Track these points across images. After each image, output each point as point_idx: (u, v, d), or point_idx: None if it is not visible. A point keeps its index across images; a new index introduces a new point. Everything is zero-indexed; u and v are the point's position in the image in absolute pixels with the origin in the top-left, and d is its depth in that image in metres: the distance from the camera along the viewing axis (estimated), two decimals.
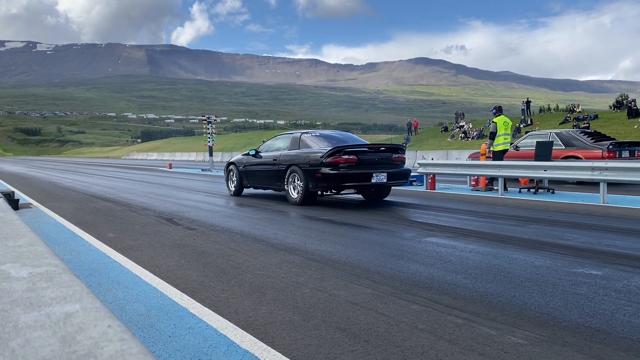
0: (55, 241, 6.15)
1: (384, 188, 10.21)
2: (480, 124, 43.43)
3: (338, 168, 9.00)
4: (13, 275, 0.91)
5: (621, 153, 14.23)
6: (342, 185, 9.18)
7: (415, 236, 6.20)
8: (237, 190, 11.90)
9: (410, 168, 10.49)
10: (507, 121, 12.65)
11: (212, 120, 27.46)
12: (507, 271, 4.40)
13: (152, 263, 4.87)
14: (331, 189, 9.42)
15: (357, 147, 9.49)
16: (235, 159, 12.43)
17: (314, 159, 9.32)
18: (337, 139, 10.14)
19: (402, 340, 2.84)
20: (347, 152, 9.14)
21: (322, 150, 9.36)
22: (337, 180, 9.03)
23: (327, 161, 9.08)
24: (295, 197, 9.76)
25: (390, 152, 9.75)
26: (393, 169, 9.57)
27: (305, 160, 9.53)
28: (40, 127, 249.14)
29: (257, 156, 11.24)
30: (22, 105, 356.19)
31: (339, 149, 9.17)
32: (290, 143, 10.49)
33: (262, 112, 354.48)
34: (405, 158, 10.22)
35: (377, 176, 9.21)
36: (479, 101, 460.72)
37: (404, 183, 10.33)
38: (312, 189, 9.41)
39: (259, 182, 11.27)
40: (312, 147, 9.80)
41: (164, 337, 2.92)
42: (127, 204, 10.30)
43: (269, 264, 4.76)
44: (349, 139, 10.37)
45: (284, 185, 10.09)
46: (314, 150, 9.65)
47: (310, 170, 9.30)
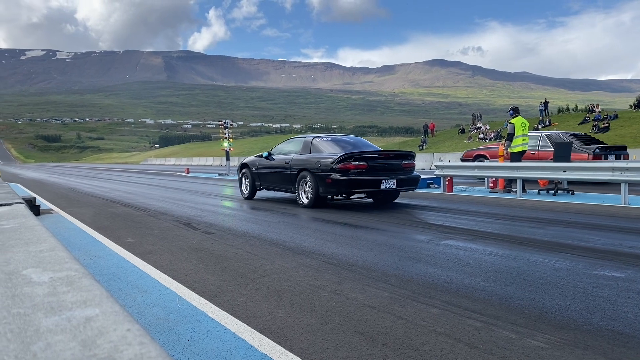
0: (75, 246, 6.23)
1: (393, 193, 10.33)
2: (497, 125, 43.03)
3: (348, 174, 9.15)
4: (34, 279, 0.92)
5: (607, 157, 14.92)
6: (352, 191, 9.44)
7: (432, 239, 6.16)
8: (251, 192, 12.12)
9: (419, 174, 10.50)
10: (524, 122, 12.52)
11: (228, 125, 27.63)
12: (527, 274, 4.34)
13: (170, 267, 4.91)
14: (341, 194, 9.64)
15: (367, 153, 9.59)
16: (248, 160, 12.57)
17: (325, 165, 9.46)
18: (348, 144, 10.34)
19: (420, 344, 2.82)
20: (357, 158, 9.28)
21: (333, 156, 9.49)
22: (347, 186, 9.23)
23: (338, 167, 9.21)
24: (305, 201, 9.92)
25: (400, 158, 9.87)
26: (402, 175, 9.69)
27: (316, 165, 9.67)
28: (60, 133, 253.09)
29: (269, 158, 11.41)
30: (42, 112, 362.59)
31: (349, 155, 9.31)
32: (302, 147, 10.65)
33: (278, 116, 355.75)
34: (415, 164, 10.39)
35: (386, 182, 9.33)
36: (496, 102, 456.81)
37: (413, 189, 10.36)
38: (322, 194, 9.58)
39: (270, 184, 11.42)
40: (323, 152, 9.98)
41: (182, 340, 2.94)
42: (145, 208, 10.40)
43: (286, 268, 4.77)
44: (360, 144, 10.53)
45: (294, 188, 10.26)
46: (325, 155, 9.80)
47: (321, 176, 9.45)
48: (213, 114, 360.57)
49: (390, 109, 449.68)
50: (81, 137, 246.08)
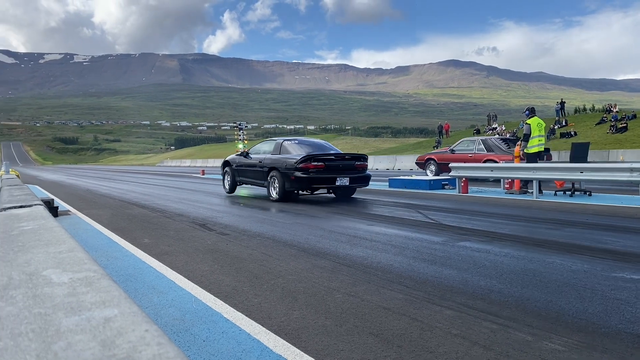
0: (93, 247, 6.31)
1: (349, 189, 11.94)
2: (513, 126, 42.65)
3: (308, 172, 10.75)
4: (54, 280, 0.94)
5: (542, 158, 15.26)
6: (312, 186, 11.01)
7: (447, 240, 6.13)
8: (231, 188, 13.72)
9: (370, 174, 12.17)
10: (540, 122, 12.39)
11: (243, 127, 27.75)
12: (543, 276, 4.30)
13: (186, 268, 4.94)
14: (303, 189, 11.21)
15: (325, 155, 11.19)
16: (229, 158, 14.11)
17: (289, 164, 11.02)
18: (312, 147, 11.87)
19: (435, 346, 2.81)
20: (316, 159, 10.88)
21: (296, 157, 11.03)
22: (307, 183, 10.84)
23: (300, 166, 10.79)
24: (275, 196, 11.43)
25: (353, 160, 11.53)
26: (355, 174, 11.37)
27: (283, 165, 11.23)
28: (77, 136, 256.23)
29: (247, 157, 12.97)
30: (60, 115, 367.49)
31: (310, 157, 10.90)
32: (274, 148, 12.16)
33: (292, 118, 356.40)
34: (367, 165, 12.09)
35: (340, 180, 11.00)
36: (512, 103, 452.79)
37: (364, 185, 11.87)
38: (288, 189, 11.17)
39: (247, 179, 13.09)
40: (290, 153, 11.44)
41: (198, 341, 2.96)
42: (161, 210, 10.49)
43: (300, 269, 4.78)
44: (323, 147, 12.12)
45: (266, 184, 11.83)
46: (290, 156, 11.29)
47: (287, 173, 11.04)
48: (228, 115, 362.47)
49: (404, 110, 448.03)
50: (98, 139, 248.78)
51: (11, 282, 0.96)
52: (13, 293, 0.88)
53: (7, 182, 6.19)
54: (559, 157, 25.16)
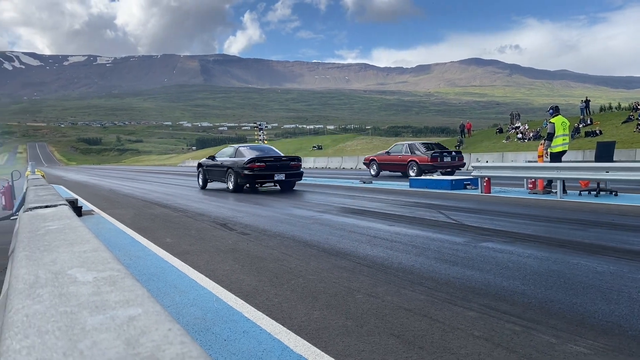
0: (116, 246, 6.40)
1: (287, 182, 15.22)
2: (536, 125, 42.03)
3: (253, 170, 14.09)
4: (79, 279, 0.95)
5: (443, 158, 19.84)
6: (256, 181, 14.41)
7: (470, 241, 6.07)
8: (203, 184, 17.04)
9: (302, 171, 15.66)
10: (564, 121, 12.18)
11: (263, 127, 27.90)
12: (568, 277, 4.23)
13: (207, 267, 4.98)
14: (250, 183, 14.56)
15: (266, 157, 14.44)
16: (202, 160, 17.56)
17: (240, 164, 14.37)
18: (260, 151, 15.33)
19: (457, 348, 2.78)
20: (259, 160, 14.18)
21: (245, 159, 14.31)
22: (252, 178, 14.22)
23: (247, 166, 14.12)
24: (231, 187, 14.93)
25: (289, 160, 14.92)
26: (290, 171, 14.77)
27: (236, 165, 14.61)
28: (101, 136, 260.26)
29: (213, 160, 16.36)
30: (84, 116, 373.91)
31: (254, 159, 14.19)
32: (232, 152, 15.59)
33: (312, 118, 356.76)
34: (301, 165, 15.54)
35: (278, 176, 14.46)
36: (535, 101, 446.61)
37: (298, 180, 15.48)
38: (240, 183, 14.58)
39: (214, 177, 16.42)
40: (243, 156, 14.61)
41: (219, 340, 2.98)
42: (183, 209, 10.59)
43: (320, 269, 4.77)
44: (268, 151, 15.51)
45: (226, 179, 15.21)
46: (241, 159, 14.56)
47: (238, 171, 14.42)
48: (248, 116, 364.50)
49: (425, 109, 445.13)
50: (121, 140, 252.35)
51: (38, 280, 0.97)
52: (40, 291, 0.89)
53: (33, 183, 6.31)
54: (584, 156, 24.74)
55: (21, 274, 1.04)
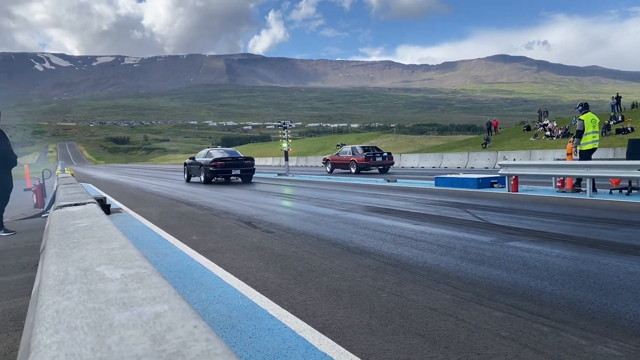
0: (143, 244, 6.50)
1: (244, 176, 20.20)
2: (565, 122, 41.17)
3: (216, 167, 19.11)
4: (107, 276, 0.97)
5: (375, 158, 24.75)
6: (219, 175, 19.47)
7: (496, 240, 5.98)
8: (187, 178, 22.30)
9: (255, 167, 20.97)
10: (594, 118, 11.91)
11: (287, 126, 27.95)
12: (598, 277, 4.13)
13: (232, 265, 5.03)
14: (215, 176, 19.54)
15: (226, 158, 19.68)
16: (186, 160, 22.70)
17: (207, 163, 19.48)
18: (225, 153, 20.79)
19: (484, 348, 2.74)
20: (221, 160, 19.35)
21: (211, 159, 19.45)
22: (216, 172, 19.27)
23: (212, 164, 19.20)
24: (202, 180, 19.83)
25: (245, 160, 20.18)
26: (245, 168, 19.93)
27: (205, 163, 19.64)
28: (128, 136, 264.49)
29: (193, 159, 21.57)
30: (112, 115, 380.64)
31: (217, 159, 19.33)
32: (205, 154, 20.88)
33: (335, 116, 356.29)
34: (253, 162, 20.79)
35: (234, 171, 19.63)
36: (564, 98, 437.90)
37: (251, 174, 20.51)
38: (208, 177, 19.51)
39: (193, 173, 21.43)
40: (211, 157, 19.73)
41: (244, 337, 3.00)
42: (208, 207, 10.70)
43: (345, 268, 4.77)
44: (231, 153, 20.82)
45: (199, 174, 20.18)
46: (209, 159, 19.63)
47: (206, 168, 19.44)
48: (272, 115, 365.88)
49: (451, 107, 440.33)
50: (148, 139, 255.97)
51: (67, 277, 0.99)
52: (69, 288, 0.91)
53: (63, 181, 6.45)
54: (615, 154, 24.17)
55: (51, 271, 1.06)
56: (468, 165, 30.91)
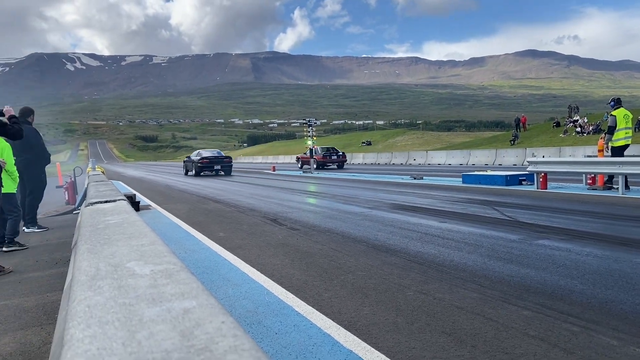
0: (172, 240, 6.60)
1: (225, 170, 26.24)
2: (597, 118, 40.19)
3: (202, 164, 25.58)
4: (137, 272, 0.99)
5: (331, 156, 30.47)
6: (204, 170, 25.64)
7: (525, 238, 5.89)
8: (185, 172, 28.27)
9: (232, 164, 27.66)
10: (627, 114, 11.60)
11: (312, 123, 28.00)
12: (630, 277, 4.03)
13: (258, 261, 5.06)
14: (203, 170, 25.57)
15: (209, 156, 26.10)
16: (184, 159, 29.66)
17: (197, 160, 25.76)
18: (211, 152, 27.27)
19: (511, 347, 2.71)
20: (205, 158, 25.84)
21: (199, 157, 25.80)
22: (201, 169, 25.54)
23: (200, 161, 25.59)
24: (193, 174, 25.93)
25: (225, 158, 26.73)
26: (224, 164, 26.30)
27: (196, 161, 25.85)
28: (157, 134, 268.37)
29: (189, 158, 27.69)
30: (141, 114, 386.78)
31: (203, 158, 25.75)
32: (196, 153, 26.72)
33: (361, 113, 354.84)
34: (231, 159, 27.65)
35: (216, 167, 25.97)
36: (595, 93, 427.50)
37: (230, 168, 26.82)
38: (196, 171, 25.66)
39: (189, 168, 27.36)
40: (200, 156, 26.00)
41: (270, 333, 3.02)
42: (235, 205, 10.80)
43: (370, 265, 4.76)
44: (216, 154, 26.98)
45: (192, 169, 26.27)
46: (198, 157, 25.88)
47: (196, 164, 25.76)
48: (297, 112, 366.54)
49: (478, 103, 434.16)
50: (176, 137, 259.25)
51: (98, 273, 1.02)
52: (100, 283, 0.93)
53: (94, 178, 6.59)
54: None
55: (83, 267, 1.09)
56: (496, 162, 30.48)
